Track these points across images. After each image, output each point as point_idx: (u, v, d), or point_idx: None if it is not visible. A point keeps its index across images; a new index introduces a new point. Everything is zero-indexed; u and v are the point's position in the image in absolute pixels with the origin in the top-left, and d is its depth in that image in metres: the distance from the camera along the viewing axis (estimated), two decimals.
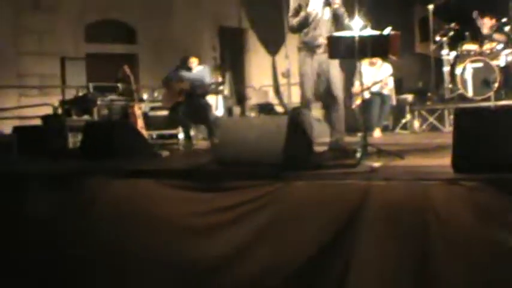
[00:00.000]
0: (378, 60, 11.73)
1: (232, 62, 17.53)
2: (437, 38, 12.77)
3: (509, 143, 4.99)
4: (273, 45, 17.55)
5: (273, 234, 5.51)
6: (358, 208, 5.03)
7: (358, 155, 6.65)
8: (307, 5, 8.09)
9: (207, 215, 5.89)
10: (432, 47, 12.81)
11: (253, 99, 17.49)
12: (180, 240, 6.01)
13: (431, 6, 12.41)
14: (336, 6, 7.98)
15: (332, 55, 7.34)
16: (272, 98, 17.79)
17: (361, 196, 5.06)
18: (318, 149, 7.93)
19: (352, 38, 6.80)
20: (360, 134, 7.37)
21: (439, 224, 4.69)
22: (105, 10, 16.01)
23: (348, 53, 7.04)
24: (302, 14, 8.12)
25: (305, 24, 8.07)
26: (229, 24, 18.26)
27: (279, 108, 16.58)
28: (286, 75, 15.43)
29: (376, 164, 6.30)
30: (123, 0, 16.02)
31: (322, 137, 9.17)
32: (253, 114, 15.22)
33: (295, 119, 6.60)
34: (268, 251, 5.52)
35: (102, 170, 6.97)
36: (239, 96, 17.09)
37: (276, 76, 18.08)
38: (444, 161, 5.37)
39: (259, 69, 18.70)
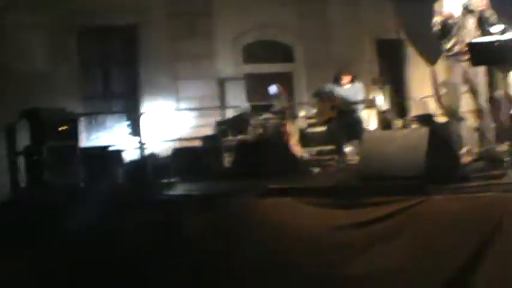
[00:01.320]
0: None
1: (392, 75, 17.34)
2: None
3: None
4: (431, 55, 17.19)
5: (418, 249, 5.40)
6: (499, 222, 4.84)
7: (505, 165, 6.42)
8: (442, 10, 7.88)
9: (348, 232, 5.85)
10: None
11: (413, 111, 17.18)
12: (325, 258, 5.99)
13: None
14: (479, 9, 7.70)
15: (474, 62, 7.11)
16: (433, 109, 17.41)
17: (502, 209, 4.87)
18: (468, 159, 7.71)
19: (494, 43, 6.56)
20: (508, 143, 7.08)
21: None
22: (262, 31, 16.24)
23: (491, 59, 6.80)
24: (437, 19, 7.93)
25: (444, 31, 7.86)
26: (387, 37, 18.07)
27: (441, 119, 16.20)
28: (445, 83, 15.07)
29: None
30: (279, 20, 16.17)
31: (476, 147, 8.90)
32: (414, 126, 14.93)
33: (438, 130, 6.42)
34: (413, 266, 5.41)
35: (248, 189, 7.05)
36: (400, 109, 16.84)
37: (436, 86, 17.69)
38: None
39: (419, 80, 18.34)
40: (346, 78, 11.02)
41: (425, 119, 15.10)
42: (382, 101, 13.80)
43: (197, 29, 14.98)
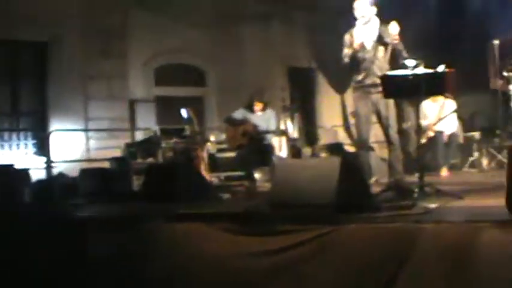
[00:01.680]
0: (440, 97, 11.56)
1: (302, 103, 17.52)
2: (505, 74, 12.48)
3: None
4: (341, 85, 17.48)
5: (327, 279, 5.41)
6: (408, 252, 4.90)
7: (415, 196, 6.52)
8: (353, 41, 7.99)
9: (258, 258, 5.83)
10: (500, 82, 12.53)
11: (323, 139, 17.39)
12: (234, 283, 5.96)
13: (497, 42, 12.15)
14: (394, 42, 7.78)
15: (386, 95, 7.21)
16: (342, 138, 17.65)
17: (411, 239, 4.94)
18: (377, 189, 7.82)
19: (406, 76, 6.67)
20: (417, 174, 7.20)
21: (490, 267, 4.54)
22: (174, 54, 16.18)
23: (402, 92, 6.92)
24: (347, 51, 8.03)
25: (353, 62, 7.96)
26: (298, 65, 18.28)
27: (350, 148, 16.44)
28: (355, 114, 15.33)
29: (433, 205, 6.17)
30: (192, 44, 16.14)
31: (385, 176, 9.05)
32: (323, 155, 15.09)
33: (349, 160, 6.48)
34: None
35: (158, 213, 6.98)
36: (309, 137, 17.02)
37: (345, 115, 17.98)
38: (504, 202, 5.19)
39: (329, 109, 18.63)
40: (258, 105, 11.09)
41: (335, 148, 15.29)
42: (292, 128, 13.90)
43: (110, 50, 14.81)
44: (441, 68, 6.73)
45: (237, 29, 16.77)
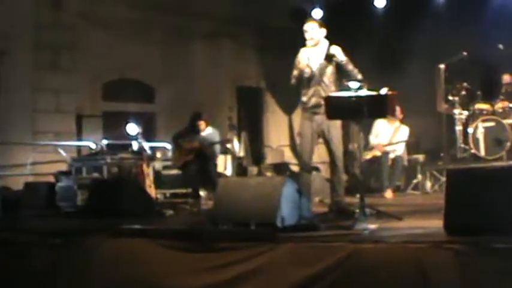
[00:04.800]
0: (396, 120, 11.73)
1: (250, 122, 17.55)
2: (450, 98, 12.71)
3: (499, 204, 4.91)
4: (289, 105, 17.60)
5: None
6: (344, 271, 4.97)
7: (356, 216, 6.60)
8: (300, 62, 8.05)
9: (199, 275, 5.87)
10: (445, 106, 12.74)
11: (269, 158, 17.46)
12: None
13: (443, 66, 12.36)
14: (343, 62, 7.87)
15: (330, 116, 7.27)
16: (289, 158, 17.74)
17: (347, 258, 5.01)
18: (320, 210, 7.90)
19: (349, 98, 6.75)
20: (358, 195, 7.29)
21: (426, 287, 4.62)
22: (123, 69, 16.13)
23: (345, 113, 7.00)
24: (294, 72, 8.11)
25: (301, 83, 8.04)
26: (247, 84, 18.36)
27: (296, 168, 16.52)
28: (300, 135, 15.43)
29: (372, 226, 6.26)
30: (141, 60, 16.11)
31: (328, 197, 9.13)
32: (268, 174, 15.15)
33: (292, 180, 6.53)
34: None
35: (100, 229, 6.97)
36: (255, 156, 17.05)
37: (292, 135, 18.09)
38: (442, 223, 5.28)
39: (276, 128, 18.70)
40: (202, 124, 11.10)
41: (281, 168, 15.36)
42: (238, 147, 13.95)
43: (59, 63, 14.72)
44: (384, 91, 6.81)
45: (187, 47, 16.80)
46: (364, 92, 6.76)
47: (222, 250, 5.85)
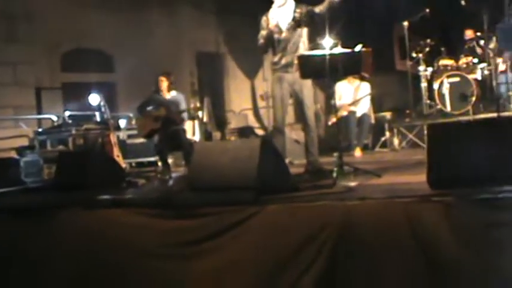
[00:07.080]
0: (356, 79, 11.69)
1: (211, 87, 17.44)
2: (414, 55, 12.74)
3: (480, 155, 4.91)
4: (251, 69, 17.50)
5: (249, 260, 5.39)
6: (334, 229, 4.91)
7: (335, 175, 6.54)
8: (268, 23, 7.96)
9: (181, 242, 5.78)
10: (409, 63, 12.76)
11: (233, 123, 17.35)
12: (157, 269, 5.88)
13: (406, 23, 12.36)
14: (310, 12, 7.73)
15: (303, 75, 7.19)
16: (252, 122, 17.69)
17: (337, 217, 4.95)
18: (296, 171, 7.83)
19: (323, 56, 6.67)
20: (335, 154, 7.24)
21: (417, 242, 4.59)
22: (81, 39, 15.85)
23: (319, 72, 6.91)
24: (263, 32, 8.00)
25: (269, 43, 7.94)
26: (207, 50, 18.19)
27: (260, 131, 16.48)
28: (265, 97, 15.38)
29: (353, 184, 6.22)
30: (99, 29, 15.83)
31: (301, 158, 9.07)
32: (233, 138, 15.07)
33: (268, 142, 6.44)
34: (246, 276, 5.40)
35: (73, 201, 6.82)
36: (219, 121, 16.95)
37: (255, 99, 18.02)
38: (422, 178, 5.25)
39: (238, 93, 18.59)
40: (163, 81, 10.74)
41: (245, 132, 15.31)
42: (201, 113, 13.82)
43: (16, 35, 14.42)
44: (358, 48, 6.75)
45: (145, 13, 16.56)
46: (338, 50, 6.70)
47: (204, 215, 5.75)
